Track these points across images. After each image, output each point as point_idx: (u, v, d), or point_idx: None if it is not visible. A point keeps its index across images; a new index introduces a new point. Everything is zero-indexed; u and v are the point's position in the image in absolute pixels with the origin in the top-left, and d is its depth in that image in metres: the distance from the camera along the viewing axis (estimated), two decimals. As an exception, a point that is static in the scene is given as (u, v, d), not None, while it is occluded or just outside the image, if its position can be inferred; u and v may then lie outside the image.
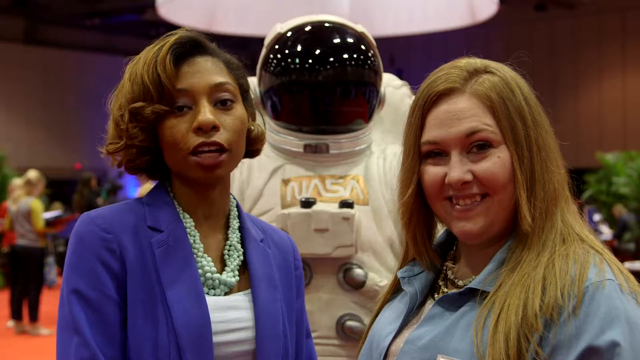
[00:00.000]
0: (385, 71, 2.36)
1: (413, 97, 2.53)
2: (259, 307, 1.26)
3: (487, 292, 1.09)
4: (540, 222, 1.10)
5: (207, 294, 1.24)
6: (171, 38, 1.25)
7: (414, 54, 17.15)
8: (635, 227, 11.46)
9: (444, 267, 1.22)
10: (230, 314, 1.23)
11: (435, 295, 1.19)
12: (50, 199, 11.61)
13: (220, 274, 1.26)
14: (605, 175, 12.49)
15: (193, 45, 1.26)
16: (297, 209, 2.08)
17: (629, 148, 13.83)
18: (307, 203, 2.08)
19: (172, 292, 1.18)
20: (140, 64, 1.23)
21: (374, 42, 2.30)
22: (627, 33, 16.76)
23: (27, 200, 7.90)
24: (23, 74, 16.44)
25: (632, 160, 12.37)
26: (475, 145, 1.11)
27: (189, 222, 1.27)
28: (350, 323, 2.07)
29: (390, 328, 1.18)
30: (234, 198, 1.37)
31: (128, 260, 1.19)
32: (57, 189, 13.09)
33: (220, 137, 1.22)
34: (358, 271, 2.08)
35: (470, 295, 1.11)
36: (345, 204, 2.08)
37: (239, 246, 1.31)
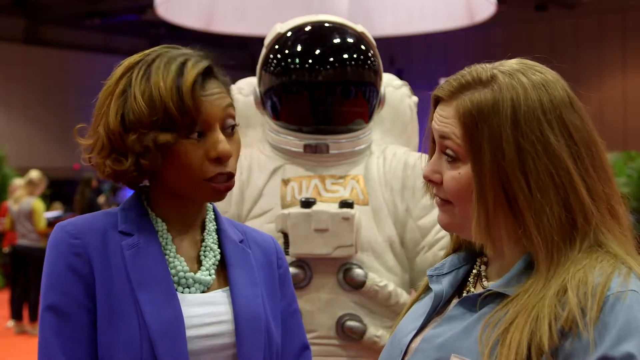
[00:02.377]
0: (385, 71, 2.36)
1: (413, 97, 2.55)
2: (238, 301, 1.27)
3: (506, 295, 1.08)
4: (549, 249, 1.06)
5: (182, 292, 1.25)
6: (189, 62, 1.22)
7: (414, 54, 17.14)
8: (635, 227, 11.45)
9: (477, 263, 1.22)
10: (206, 308, 1.25)
11: (463, 294, 1.19)
12: (50, 199, 11.61)
13: (195, 273, 1.28)
14: (605, 175, 12.46)
15: (208, 70, 1.26)
16: (297, 209, 2.08)
17: (629, 148, 13.81)
18: (307, 203, 2.08)
19: (143, 290, 1.20)
20: (159, 88, 1.19)
21: (373, 42, 2.30)
22: (628, 33, 16.76)
23: (29, 200, 7.91)
24: (23, 74, 16.43)
25: (632, 160, 12.34)
26: (447, 151, 1.12)
27: (160, 225, 1.28)
28: (350, 323, 2.07)
29: (413, 325, 1.18)
30: (211, 202, 1.38)
31: (96, 263, 1.21)
32: (57, 189, 13.08)
33: (231, 166, 1.25)
34: (358, 271, 2.08)
35: (492, 297, 1.11)
36: (345, 204, 2.08)
37: (215, 247, 1.32)
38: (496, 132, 1.07)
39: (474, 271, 1.21)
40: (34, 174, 8.13)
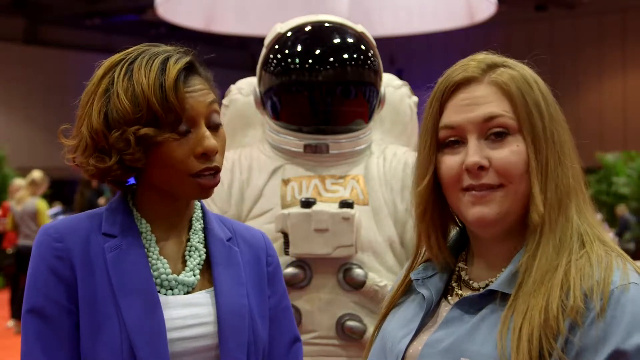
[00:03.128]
0: (385, 71, 2.36)
1: (413, 97, 2.55)
2: (221, 302, 1.27)
3: (507, 294, 1.08)
4: (553, 215, 1.09)
5: (166, 294, 1.25)
6: (171, 58, 1.23)
7: (414, 54, 17.15)
8: (635, 227, 11.47)
9: (457, 268, 1.21)
10: (189, 310, 1.25)
11: (449, 297, 1.18)
12: (50, 199, 11.61)
13: (179, 274, 1.27)
14: (605, 175, 12.49)
15: (190, 67, 1.26)
16: (297, 209, 2.08)
17: (629, 148, 13.83)
18: (307, 203, 2.08)
19: (124, 294, 1.20)
20: (141, 84, 1.20)
21: (373, 42, 2.30)
22: (628, 33, 16.76)
23: (33, 200, 7.89)
24: (23, 74, 16.44)
25: (632, 160, 12.37)
26: (493, 133, 1.11)
27: (144, 227, 1.28)
28: (350, 323, 2.07)
29: (406, 330, 1.17)
30: (199, 200, 1.37)
31: (78, 266, 1.21)
32: (57, 189, 13.07)
33: (218, 161, 1.24)
34: (358, 271, 2.08)
35: (490, 297, 1.10)
36: (345, 204, 2.08)
37: (200, 246, 1.32)
38: (536, 100, 1.12)
39: (455, 275, 1.21)
40: (36, 174, 8.11)
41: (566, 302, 1.02)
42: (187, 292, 1.27)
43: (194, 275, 1.29)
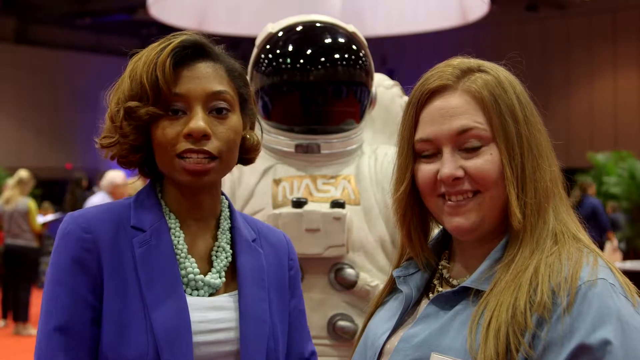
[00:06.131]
0: (377, 71, 2.36)
1: (404, 97, 2.55)
2: (244, 308, 1.26)
3: (480, 291, 1.10)
4: (532, 220, 1.11)
5: (190, 294, 1.23)
6: (175, 40, 1.25)
7: (406, 54, 17.17)
8: (626, 226, 11.50)
9: (439, 267, 1.23)
10: (213, 314, 1.23)
11: (430, 295, 1.20)
12: (40, 199, 11.57)
13: (206, 275, 1.26)
14: (596, 175, 12.52)
15: (196, 50, 1.26)
16: (289, 209, 2.08)
17: (619, 148, 13.88)
18: (299, 203, 2.08)
19: (151, 292, 1.19)
20: (141, 62, 1.23)
21: (365, 42, 2.30)
22: (618, 33, 16.82)
23: (24, 200, 7.85)
24: (13, 74, 16.39)
25: (623, 160, 12.41)
26: (467, 143, 1.12)
27: (173, 222, 1.27)
28: (341, 323, 2.07)
29: (385, 327, 1.19)
30: (227, 198, 1.36)
31: (106, 260, 1.20)
32: (48, 189, 13.05)
33: (209, 146, 1.22)
34: (349, 271, 2.08)
35: (464, 294, 1.12)
36: (337, 204, 2.08)
37: (227, 247, 1.30)
38: (510, 105, 1.13)
39: (437, 273, 1.23)
40: (23, 173, 8.07)
41: (534, 297, 1.03)
42: (211, 294, 1.26)
43: (220, 278, 1.27)
